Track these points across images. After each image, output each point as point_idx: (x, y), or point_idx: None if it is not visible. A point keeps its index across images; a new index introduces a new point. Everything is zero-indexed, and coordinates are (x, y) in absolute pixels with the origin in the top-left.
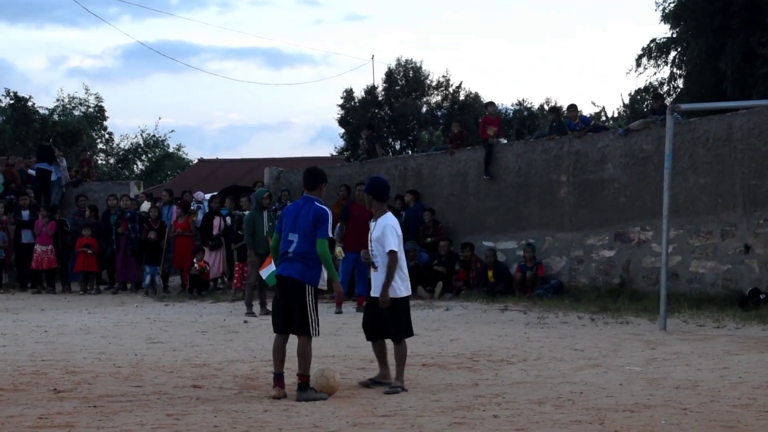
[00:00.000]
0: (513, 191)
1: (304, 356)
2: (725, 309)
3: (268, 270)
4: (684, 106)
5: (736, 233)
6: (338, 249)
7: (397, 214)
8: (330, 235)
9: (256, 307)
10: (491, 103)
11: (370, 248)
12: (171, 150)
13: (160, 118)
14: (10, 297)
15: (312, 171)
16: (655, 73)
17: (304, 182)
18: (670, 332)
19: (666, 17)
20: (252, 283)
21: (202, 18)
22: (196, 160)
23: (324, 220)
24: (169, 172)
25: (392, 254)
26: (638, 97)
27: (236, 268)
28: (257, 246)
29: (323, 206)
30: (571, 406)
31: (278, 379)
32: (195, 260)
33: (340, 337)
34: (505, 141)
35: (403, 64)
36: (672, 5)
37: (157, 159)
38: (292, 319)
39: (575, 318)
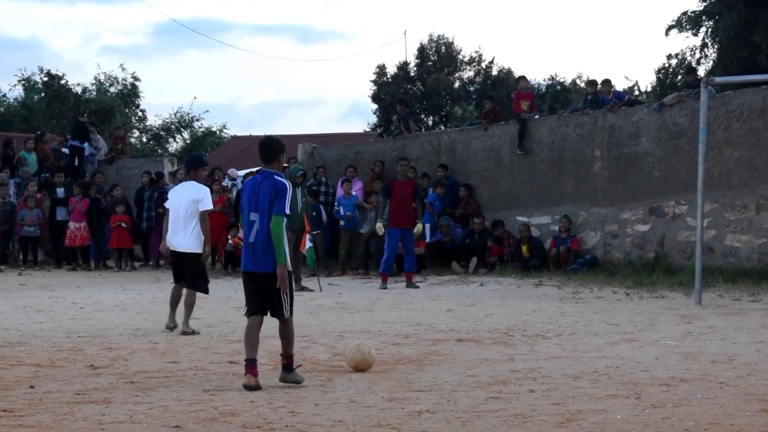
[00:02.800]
0: (547, 166)
1: (287, 337)
2: (760, 283)
3: (306, 246)
4: (718, 80)
5: None
6: (379, 225)
7: (424, 190)
8: (287, 212)
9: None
10: (523, 78)
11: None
12: (214, 128)
13: (195, 98)
14: (45, 274)
15: (267, 142)
16: (686, 42)
17: (260, 156)
18: (705, 306)
19: None
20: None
21: None
22: (229, 137)
23: (282, 195)
24: (208, 150)
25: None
26: (669, 70)
27: None
28: (291, 222)
29: (283, 180)
30: (607, 381)
31: (251, 365)
32: (230, 236)
33: (374, 312)
34: (538, 116)
35: (435, 39)
36: None
37: (199, 136)
38: (267, 301)
39: (610, 292)
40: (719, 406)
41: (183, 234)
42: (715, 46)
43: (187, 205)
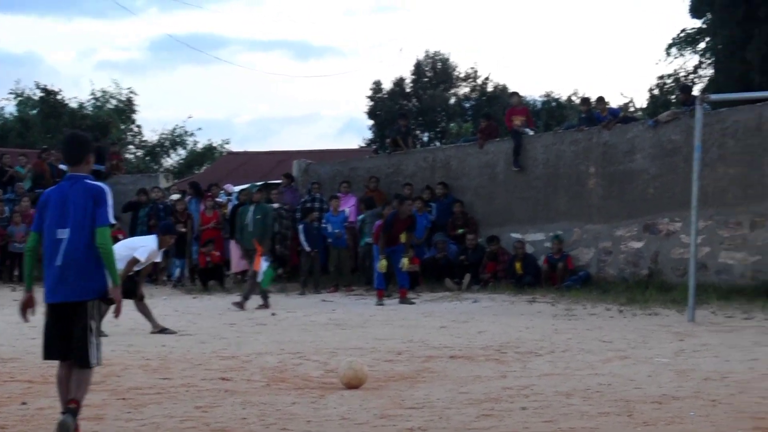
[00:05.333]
0: (542, 183)
1: (84, 382)
2: (754, 300)
3: (261, 268)
4: (713, 97)
5: (766, 224)
6: (383, 263)
7: (426, 206)
8: (112, 221)
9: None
10: (515, 94)
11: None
12: (215, 144)
13: (190, 117)
14: (39, 290)
15: (74, 139)
16: (684, 63)
17: (65, 156)
18: (698, 324)
19: (692, 8)
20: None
21: (230, 10)
22: (225, 153)
23: (102, 201)
24: (205, 165)
25: None
26: (663, 88)
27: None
28: (242, 240)
29: (98, 183)
30: (599, 398)
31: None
32: (204, 251)
33: (367, 329)
34: (532, 132)
35: (431, 55)
36: None
37: (199, 152)
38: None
39: (603, 310)
40: (711, 424)
41: None
42: (709, 63)
43: None
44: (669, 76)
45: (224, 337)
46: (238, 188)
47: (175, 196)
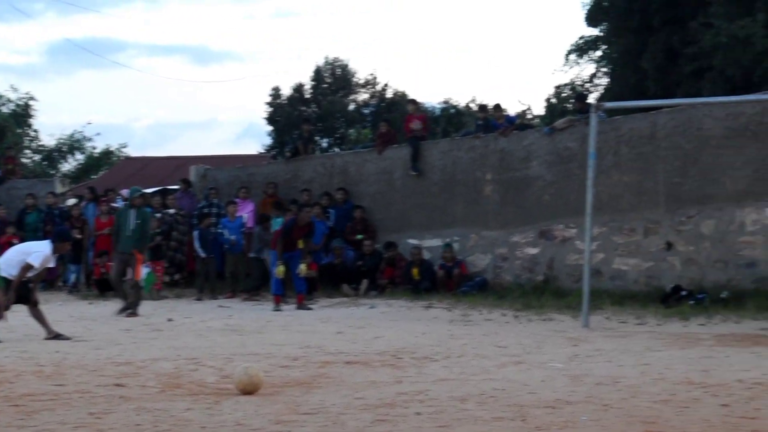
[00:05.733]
0: (438, 189)
1: None
2: (647, 306)
3: (141, 275)
4: (608, 105)
5: (659, 230)
6: (281, 269)
7: (325, 212)
8: None
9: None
10: (413, 101)
11: None
12: (113, 148)
13: (89, 123)
14: None
15: None
16: (580, 71)
17: None
18: (592, 329)
19: (588, 17)
20: (114, 278)
21: (128, 14)
22: (123, 158)
23: None
24: (102, 170)
25: None
26: (561, 95)
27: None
28: (119, 243)
29: None
30: (493, 403)
31: None
32: (98, 263)
33: (264, 335)
34: (424, 134)
35: (330, 62)
36: (589, 5)
37: (96, 157)
38: None
39: (499, 315)
40: (603, 428)
41: None
42: (606, 71)
43: None
44: (566, 84)
45: (119, 343)
46: None
47: (71, 201)
